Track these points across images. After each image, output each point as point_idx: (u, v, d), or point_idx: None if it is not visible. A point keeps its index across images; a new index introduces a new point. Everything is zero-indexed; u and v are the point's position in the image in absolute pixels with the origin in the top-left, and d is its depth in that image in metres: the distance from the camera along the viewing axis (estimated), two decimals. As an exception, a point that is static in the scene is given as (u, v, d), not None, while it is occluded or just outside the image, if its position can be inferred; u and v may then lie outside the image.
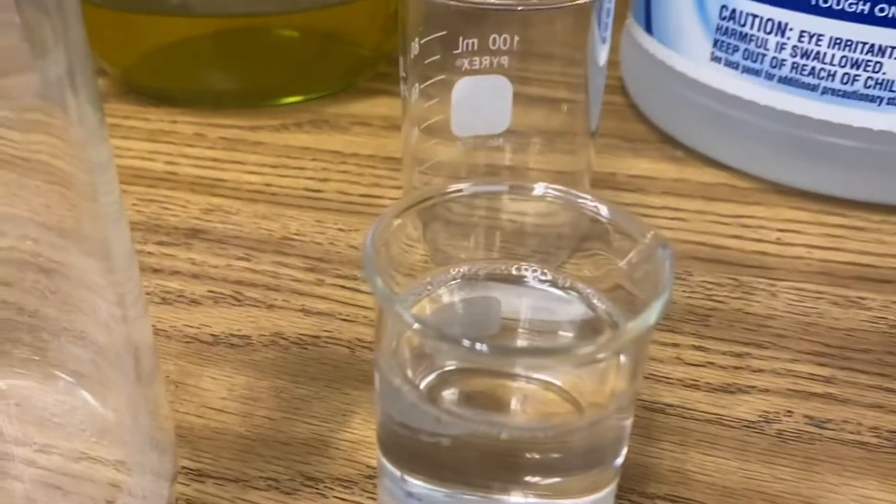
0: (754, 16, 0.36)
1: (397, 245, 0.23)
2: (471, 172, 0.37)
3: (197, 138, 0.44)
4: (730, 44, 0.37)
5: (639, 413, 0.28)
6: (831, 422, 0.28)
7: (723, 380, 0.30)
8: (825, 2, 0.34)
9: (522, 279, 0.24)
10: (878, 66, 0.34)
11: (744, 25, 0.37)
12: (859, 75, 0.35)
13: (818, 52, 0.35)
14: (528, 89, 0.35)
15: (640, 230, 0.22)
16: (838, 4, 0.34)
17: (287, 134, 0.44)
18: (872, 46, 0.34)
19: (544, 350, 0.21)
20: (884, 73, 0.34)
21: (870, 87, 0.35)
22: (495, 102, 0.35)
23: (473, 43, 0.33)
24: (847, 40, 0.34)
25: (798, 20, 0.35)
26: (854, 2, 0.34)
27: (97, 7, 0.45)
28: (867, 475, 0.27)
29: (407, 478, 0.23)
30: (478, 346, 0.19)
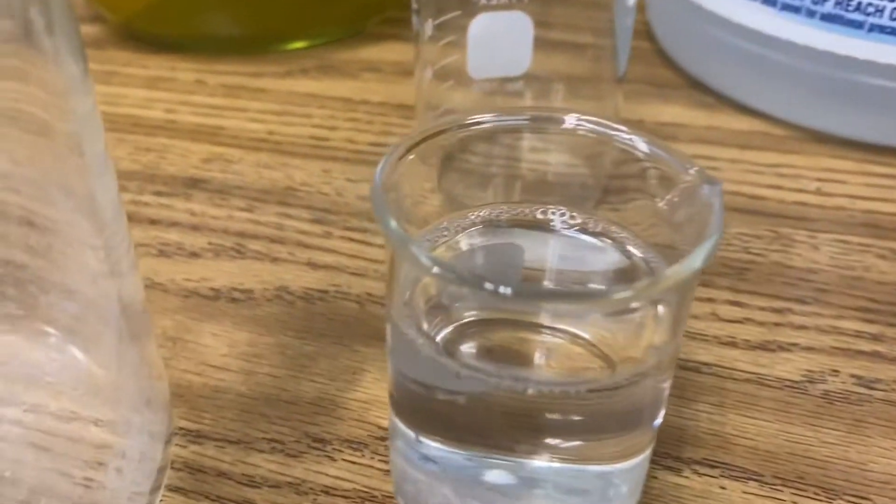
0: (795, -53, 0.34)
1: (410, 191, 0.21)
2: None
3: (197, 85, 0.42)
4: (767, -21, 0.35)
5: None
6: (881, 382, 0.26)
7: (762, 337, 0.28)
8: (874, -70, 0.32)
9: (549, 224, 0.22)
10: (930, 0, 0.32)
11: (783, -42, 0.34)
12: (910, 11, 0.32)
13: (865, -14, 0.32)
14: (549, 30, 0.33)
15: (682, 165, 0.20)
16: (889, -68, 0.31)
17: (292, 80, 0.42)
18: (925, -22, 0.31)
19: (575, 295, 0.19)
20: (937, 8, 0.32)
21: (921, 23, 0.32)
22: (514, 41, 0.33)
23: (492, -26, 0.31)
24: (897, -28, 0.32)
25: (843, -49, 0.32)
26: (906, -71, 0.31)
27: (91, -54, 0.42)
28: (922, 439, 0.24)
29: (422, 439, 0.21)
30: (502, 289, 0.17)
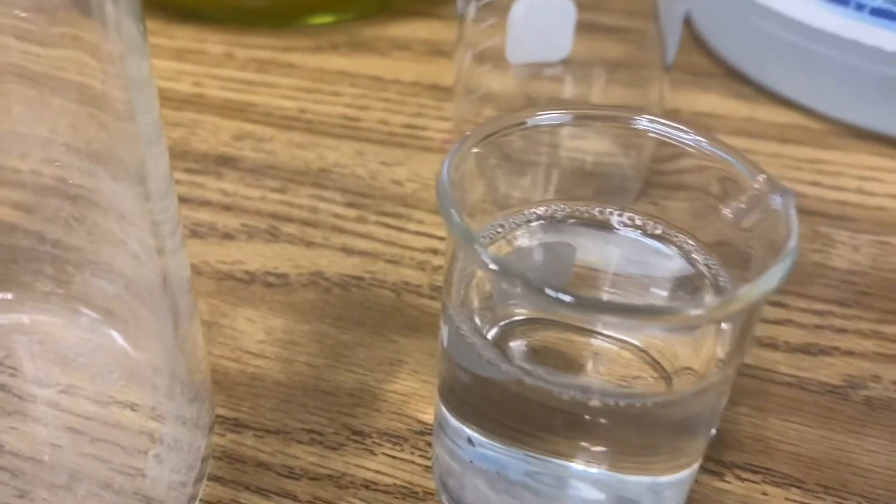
0: (846, -61, 0.33)
1: (469, 187, 0.21)
2: (525, 106, 0.34)
3: (226, 59, 0.41)
4: (815, -30, 0.34)
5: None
6: (923, 390, 0.26)
7: (804, 339, 0.27)
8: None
9: (608, 223, 0.21)
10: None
11: (833, -50, 0.33)
12: (961, 9, 0.31)
13: (917, -18, 0.32)
14: (592, 14, 0.32)
15: (751, 171, 0.19)
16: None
17: (321, 56, 0.41)
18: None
19: (640, 310, 0.18)
20: None
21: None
22: (556, 26, 0.32)
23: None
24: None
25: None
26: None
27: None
28: (965, 450, 0.24)
29: (473, 435, 0.20)
30: (563, 296, 0.16)
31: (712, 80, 0.39)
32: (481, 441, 0.20)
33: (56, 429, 0.23)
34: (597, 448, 0.19)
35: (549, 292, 0.17)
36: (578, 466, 0.20)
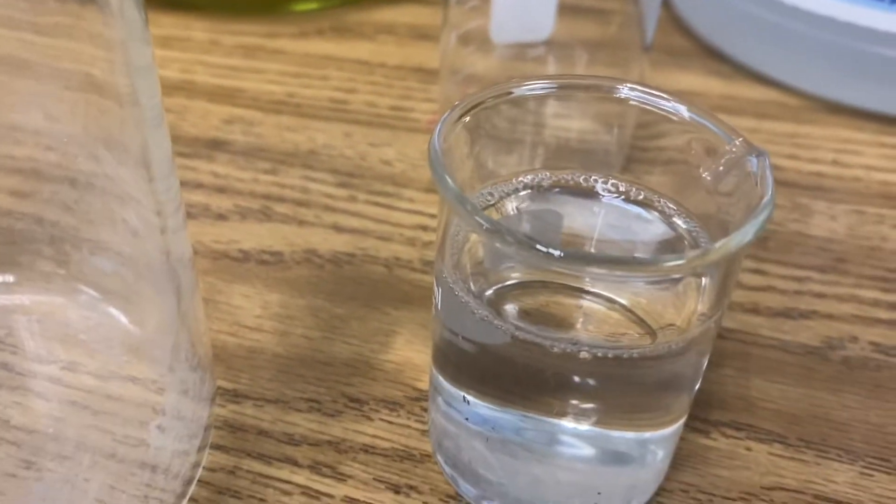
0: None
1: (458, 154, 0.21)
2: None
3: (212, 46, 0.41)
4: (789, -51, 0.35)
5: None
6: (898, 349, 0.27)
7: (784, 304, 0.28)
8: None
9: (592, 191, 0.22)
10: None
11: (806, -71, 0.34)
12: (931, -16, 0.32)
13: (887, -41, 0.33)
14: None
15: (728, 135, 0.20)
16: None
17: (307, 42, 0.42)
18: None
19: (625, 261, 0.19)
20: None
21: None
22: (538, 7, 0.33)
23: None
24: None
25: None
26: None
27: None
28: (939, 404, 0.25)
29: (466, 396, 0.21)
30: (553, 251, 0.17)
31: (691, 59, 0.40)
32: (475, 402, 0.21)
33: (59, 403, 0.24)
34: (586, 405, 0.20)
35: (539, 247, 0.17)
36: (569, 424, 0.21)
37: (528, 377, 0.20)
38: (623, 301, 0.22)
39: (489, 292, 0.22)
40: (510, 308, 0.22)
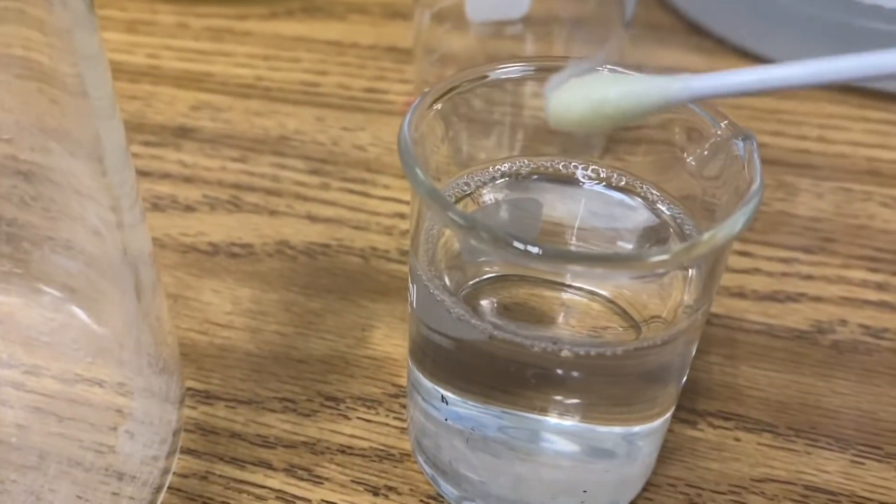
0: None
1: (432, 141, 0.20)
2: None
3: (180, 29, 0.40)
4: (771, -81, 0.34)
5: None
6: (888, 331, 0.26)
7: (771, 287, 0.28)
8: None
9: (572, 177, 0.21)
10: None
11: None
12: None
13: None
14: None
15: (713, 118, 0.19)
16: None
17: (277, 23, 0.41)
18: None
19: (606, 258, 0.18)
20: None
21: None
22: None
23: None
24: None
25: None
26: None
27: None
28: (930, 388, 0.25)
29: (444, 393, 0.20)
30: (531, 248, 0.16)
31: (673, 35, 0.39)
32: (454, 400, 0.20)
33: (22, 409, 0.23)
34: (570, 400, 0.19)
35: (517, 245, 0.16)
36: (552, 420, 0.20)
37: (508, 375, 0.19)
38: (605, 293, 0.21)
39: (466, 287, 0.21)
40: (488, 303, 0.21)
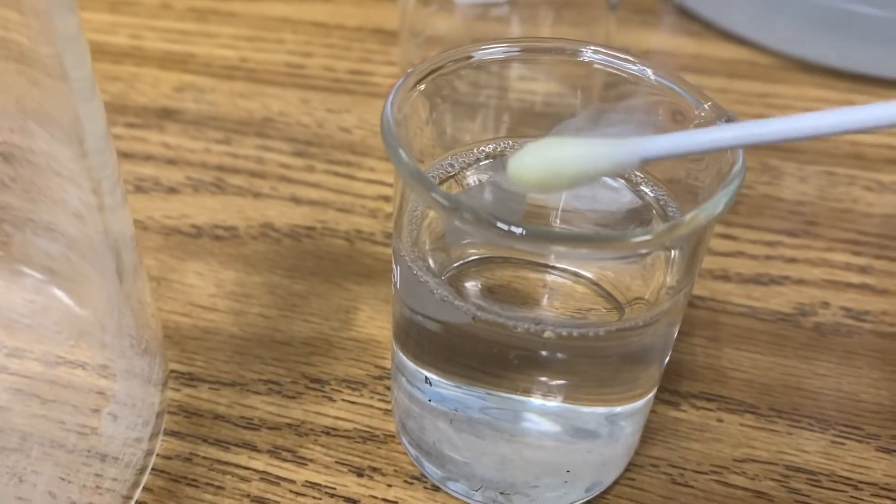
0: None
1: (415, 122, 0.20)
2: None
3: (163, 9, 0.40)
4: None
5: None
6: (869, 314, 0.26)
7: (755, 270, 0.28)
8: None
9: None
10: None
11: None
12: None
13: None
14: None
15: (696, 100, 0.19)
16: None
17: (262, 3, 0.40)
18: None
19: (589, 238, 0.18)
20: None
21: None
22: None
23: None
24: None
25: None
26: None
27: None
28: (910, 369, 0.25)
29: (428, 375, 0.20)
30: (515, 229, 0.16)
31: (660, 18, 0.39)
32: (438, 381, 0.20)
33: (4, 391, 0.23)
34: (553, 381, 0.20)
35: (500, 225, 0.16)
36: (536, 401, 0.20)
37: (491, 356, 0.19)
38: (589, 275, 0.21)
39: (450, 269, 0.21)
40: (472, 285, 0.21)
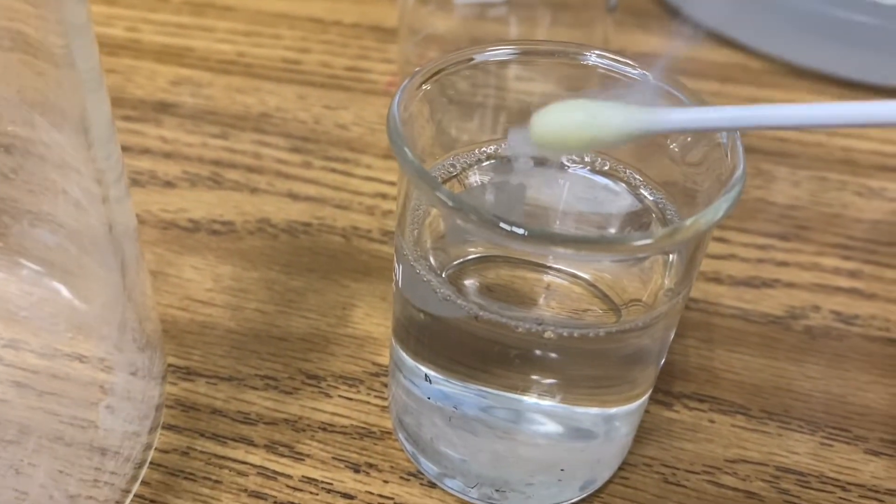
0: None
1: (419, 122, 0.20)
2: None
3: (159, 2, 0.39)
4: None
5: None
6: (858, 318, 0.27)
7: (746, 273, 0.28)
8: None
9: (556, 162, 0.21)
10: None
11: None
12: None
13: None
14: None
15: (695, 104, 0.20)
16: None
17: (259, -1, 0.40)
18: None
19: (590, 241, 0.18)
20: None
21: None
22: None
23: None
24: None
25: None
26: None
27: None
28: (898, 373, 0.25)
29: (427, 371, 0.20)
30: (517, 230, 0.16)
31: (654, 21, 0.40)
32: (438, 378, 0.20)
33: (1, 383, 0.23)
34: (552, 381, 0.20)
35: (503, 226, 0.17)
36: (534, 400, 0.20)
37: (491, 354, 0.19)
38: (586, 276, 0.21)
39: (450, 268, 0.21)
40: (471, 283, 0.21)
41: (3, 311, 0.24)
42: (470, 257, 0.22)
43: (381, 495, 0.22)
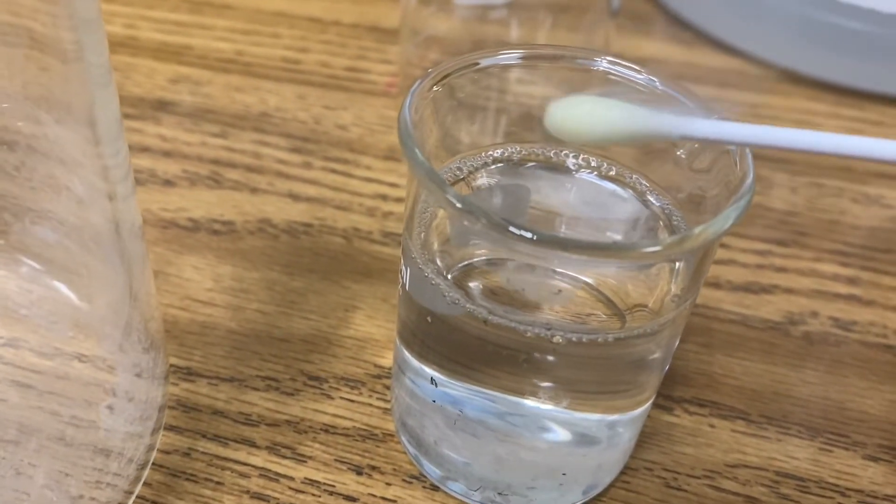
0: None
1: (428, 125, 0.20)
2: (471, 49, 0.33)
3: (157, 0, 0.39)
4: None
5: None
6: (857, 324, 0.27)
7: (746, 278, 0.28)
8: None
9: (563, 165, 0.21)
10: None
11: None
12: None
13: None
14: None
15: (703, 110, 0.20)
16: None
17: (258, -2, 0.40)
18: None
19: (598, 246, 0.18)
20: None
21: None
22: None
23: None
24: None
25: None
26: None
27: None
28: (895, 379, 0.26)
29: (433, 373, 0.20)
30: (525, 233, 0.16)
31: (652, 25, 0.40)
32: (443, 381, 0.20)
33: (1, 382, 0.23)
34: (557, 386, 0.20)
35: (512, 229, 0.17)
36: (538, 404, 0.20)
37: (499, 358, 0.19)
38: (590, 280, 0.21)
39: (455, 270, 0.21)
40: (476, 286, 0.21)
41: (3, 308, 0.24)
42: (474, 260, 0.22)
43: (383, 498, 0.22)
